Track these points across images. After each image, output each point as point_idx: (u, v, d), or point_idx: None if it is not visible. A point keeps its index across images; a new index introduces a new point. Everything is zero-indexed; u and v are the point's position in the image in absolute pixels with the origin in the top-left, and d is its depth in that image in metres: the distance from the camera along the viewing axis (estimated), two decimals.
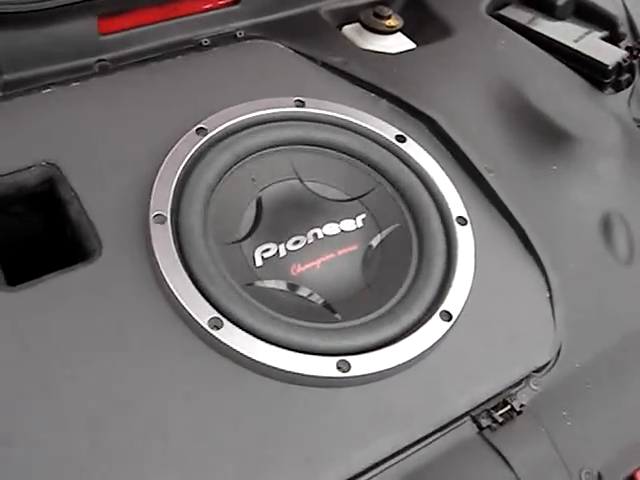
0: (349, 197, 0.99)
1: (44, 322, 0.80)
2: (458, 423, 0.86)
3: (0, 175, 0.90)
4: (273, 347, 0.80)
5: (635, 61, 1.25)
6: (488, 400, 0.88)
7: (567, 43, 1.26)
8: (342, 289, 0.92)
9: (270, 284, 0.90)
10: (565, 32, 1.29)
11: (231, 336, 0.80)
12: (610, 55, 1.23)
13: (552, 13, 1.33)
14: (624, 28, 1.32)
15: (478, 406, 0.87)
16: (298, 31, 1.18)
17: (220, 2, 1.14)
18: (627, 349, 0.98)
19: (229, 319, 0.81)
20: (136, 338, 0.81)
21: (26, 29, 1.01)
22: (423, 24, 1.29)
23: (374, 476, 0.80)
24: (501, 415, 0.87)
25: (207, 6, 1.13)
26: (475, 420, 0.87)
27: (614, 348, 0.97)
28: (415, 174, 1.00)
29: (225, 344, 0.79)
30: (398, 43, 1.26)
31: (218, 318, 0.80)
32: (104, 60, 1.07)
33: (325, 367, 0.81)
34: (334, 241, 0.94)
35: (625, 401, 0.94)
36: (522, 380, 0.90)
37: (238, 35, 1.15)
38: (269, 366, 0.79)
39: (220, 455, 0.76)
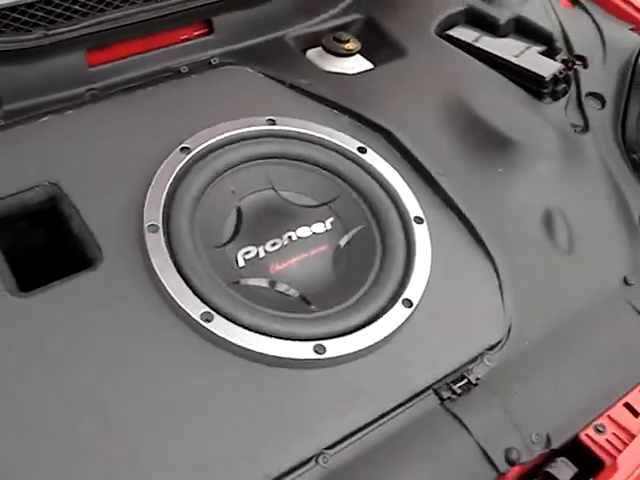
0: (318, 203, 1.11)
1: (54, 322, 0.91)
2: (422, 396, 0.98)
3: (6, 196, 1.01)
4: (258, 335, 0.92)
5: (570, 72, 1.38)
6: (447, 375, 1.00)
7: (509, 58, 1.38)
8: (316, 284, 1.04)
9: (252, 282, 1.01)
10: (507, 48, 1.41)
11: (221, 327, 0.91)
12: (547, 68, 1.36)
13: (495, 31, 1.45)
14: (560, 43, 1.44)
15: (439, 380, 0.99)
16: (267, 56, 1.29)
17: (195, 33, 1.26)
18: (570, 328, 1.11)
19: (218, 313, 0.92)
20: (137, 333, 0.92)
21: (23, 64, 1.12)
22: (379, 46, 1.40)
23: (349, 444, 0.91)
24: (459, 387, 0.99)
25: (183, 37, 1.24)
26: (437, 392, 0.99)
27: (559, 327, 1.10)
28: (376, 181, 1.12)
29: (216, 334, 0.91)
30: (357, 64, 1.38)
31: (209, 312, 0.92)
32: (94, 89, 1.18)
33: (304, 351, 0.92)
34: (307, 242, 1.06)
35: (569, 373, 1.07)
36: (477, 357, 1.02)
37: (213, 62, 1.26)
38: (255, 352, 0.91)
39: (214, 430, 0.87)
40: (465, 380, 1.00)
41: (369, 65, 1.39)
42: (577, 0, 1.55)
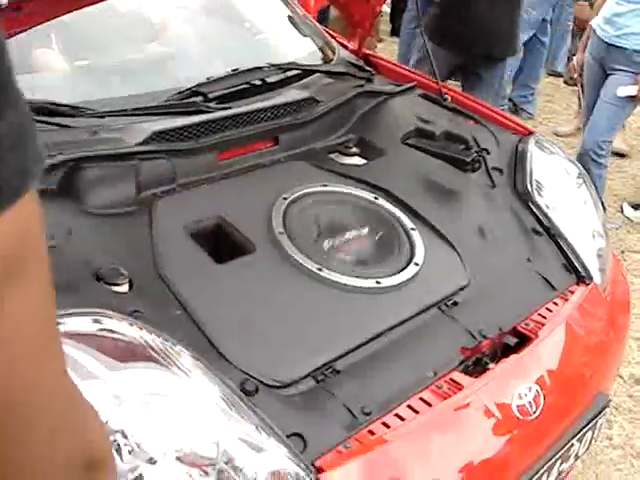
0: (358, 222, 1.99)
1: (239, 275, 1.73)
2: (431, 309, 1.81)
3: (198, 220, 1.84)
4: (346, 276, 1.76)
5: (480, 157, 2.32)
6: (441, 300, 1.84)
7: (445, 152, 2.32)
8: (365, 256, 1.90)
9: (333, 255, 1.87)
10: (444, 147, 2.31)
11: (326, 273, 1.76)
12: (468, 155, 2.25)
13: (434, 139, 2.36)
14: (472, 143, 2.33)
15: (437, 302, 1.83)
16: (310, 156, 2.19)
17: (269, 144, 2.17)
18: (504, 278, 1.99)
19: (324, 267, 1.77)
20: (281, 281, 1.74)
21: (184, 158, 1.98)
22: (369, 150, 2.29)
23: (398, 328, 1.74)
24: (452, 304, 1.85)
25: (263, 146, 2.15)
26: (438, 307, 1.83)
27: (496, 279, 1.98)
28: (386, 211, 2.03)
29: (324, 276, 1.75)
30: (359, 160, 2.27)
31: (319, 267, 1.77)
32: (221, 174, 2.06)
33: (370, 283, 1.77)
34: (357, 238, 1.93)
35: (506, 297, 1.94)
36: (456, 291, 1.89)
37: (281, 160, 2.16)
38: (345, 284, 1.74)
39: (335, 317, 1.69)
40: (452, 301, 1.86)
41: (365, 161, 2.29)
42: (478, 120, 2.55)
